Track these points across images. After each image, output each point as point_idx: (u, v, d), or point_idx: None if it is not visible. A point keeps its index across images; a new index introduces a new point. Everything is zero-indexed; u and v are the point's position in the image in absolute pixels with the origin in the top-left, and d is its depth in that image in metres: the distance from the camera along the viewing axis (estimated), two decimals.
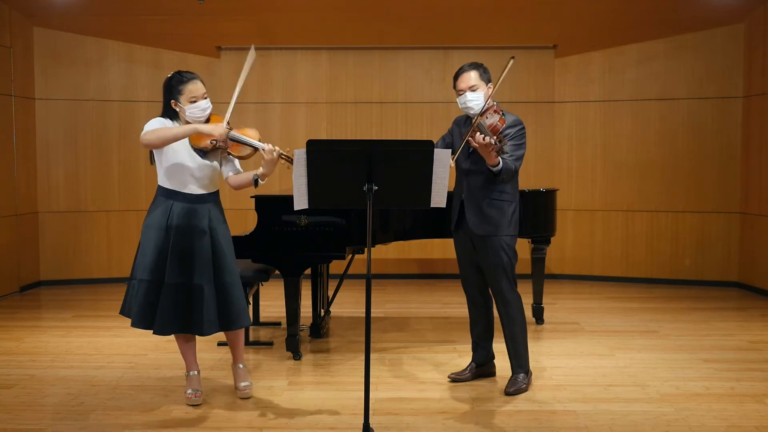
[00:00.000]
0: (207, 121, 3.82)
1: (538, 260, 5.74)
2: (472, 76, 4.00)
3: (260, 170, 3.75)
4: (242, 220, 7.02)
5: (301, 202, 3.36)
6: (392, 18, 7.39)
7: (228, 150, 3.80)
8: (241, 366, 4.06)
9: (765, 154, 6.99)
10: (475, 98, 3.99)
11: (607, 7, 7.14)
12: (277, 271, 4.85)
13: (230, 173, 3.88)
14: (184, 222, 3.76)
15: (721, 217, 7.53)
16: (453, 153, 3.99)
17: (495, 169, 3.86)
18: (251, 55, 3.77)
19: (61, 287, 7.51)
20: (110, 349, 5.06)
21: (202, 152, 3.78)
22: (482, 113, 3.91)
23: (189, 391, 3.93)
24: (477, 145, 3.75)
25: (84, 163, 7.65)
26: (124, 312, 3.87)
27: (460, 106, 4.08)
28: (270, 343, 5.17)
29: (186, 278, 3.74)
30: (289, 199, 3.64)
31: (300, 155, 3.29)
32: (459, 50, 7.88)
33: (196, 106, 3.77)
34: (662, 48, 7.60)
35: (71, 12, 7.21)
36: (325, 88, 7.97)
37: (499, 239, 4.03)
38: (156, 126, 3.71)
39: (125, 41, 7.64)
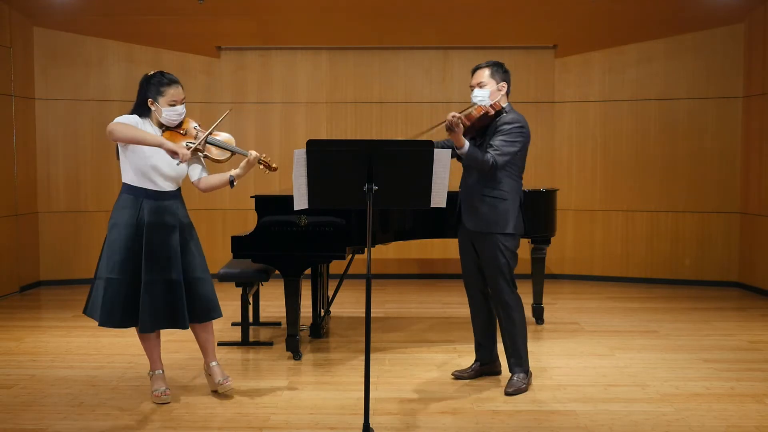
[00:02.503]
0: (180, 125, 3.87)
1: (538, 260, 5.74)
2: (484, 74, 4.10)
3: (236, 171, 3.83)
4: (242, 220, 7.03)
5: (301, 202, 3.36)
6: (392, 18, 7.39)
7: (206, 153, 3.84)
8: (214, 363, 4.07)
9: (765, 154, 6.99)
10: (480, 94, 4.08)
11: (607, 7, 7.14)
12: (277, 271, 4.85)
13: (201, 175, 3.92)
14: (155, 219, 3.78)
15: (721, 217, 7.53)
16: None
17: (459, 151, 3.91)
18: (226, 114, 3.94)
19: (61, 287, 7.51)
20: (110, 349, 5.06)
21: (173, 152, 3.75)
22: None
23: (157, 390, 3.93)
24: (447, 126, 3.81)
25: (84, 163, 7.65)
26: (87, 312, 3.87)
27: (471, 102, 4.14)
28: (270, 343, 5.17)
29: (165, 274, 3.78)
30: (289, 199, 3.65)
31: (300, 155, 3.29)
32: (459, 50, 7.89)
33: (174, 110, 3.81)
34: (662, 48, 7.60)
35: (71, 12, 7.21)
36: (325, 88, 7.97)
37: (495, 238, 4.04)
38: (128, 122, 3.74)
39: (125, 41, 7.64)
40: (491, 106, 4.02)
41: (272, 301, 6.35)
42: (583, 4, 7.09)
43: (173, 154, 3.65)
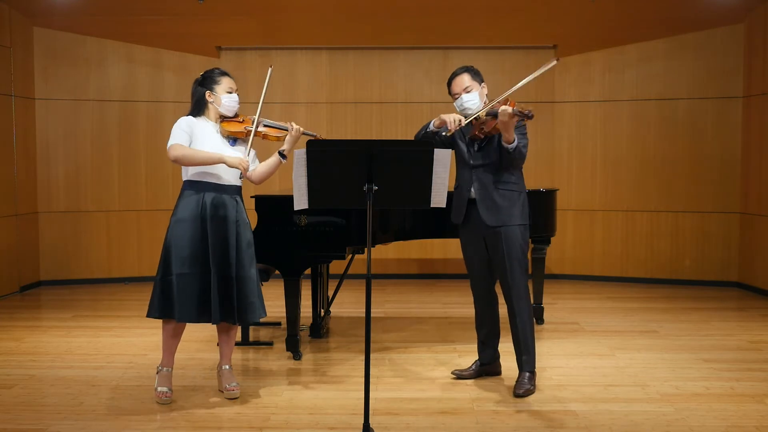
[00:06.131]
0: (236, 115, 3.99)
1: (538, 260, 5.74)
2: (465, 79, 4.13)
3: (283, 147, 3.95)
4: None
5: (301, 202, 3.36)
6: (392, 18, 7.39)
7: (264, 134, 3.97)
8: (227, 367, 4.08)
9: (765, 154, 6.99)
10: (471, 98, 4.11)
11: (607, 7, 7.14)
12: (277, 271, 4.85)
13: (252, 168, 3.99)
14: (216, 212, 3.84)
15: (720, 217, 7.53)
16: (458, 157, 4.16)
17: (510, 146, 3.91)
18: (269, 74, 3.93)
19: (61, 287, 7.51)
20: (110, 349, 5.06)
21: (234, 140, 3.95)
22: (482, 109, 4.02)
23: (160, 389, 3.93)
24: (502, 119, 3.78)
25: (84, 163, 7.65)
26: (156, 314, 3.82)
27: (458, 110, 4.17)
28: (270, 343, 5.17)
29: (227, 269, 3.83)
30: (289, 199, 3.65)
31: (300, 155, 3.29)
32: (459, 50, 7.88)
33: (231, 97, 3.95)
34: (662, 48, 7.60)
35: (71, 12, 7.21)
36: (325, 88, 7.97)
37: (513, 229, 4.08)
38: (183, 129, 3.83)
39: (125, 41, 7.65)
40: (499, 102, 3.99)
41: (272, 301, 6.31)
42: (583, 4, 7.09)
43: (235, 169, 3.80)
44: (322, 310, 5.57)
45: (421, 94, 7.96)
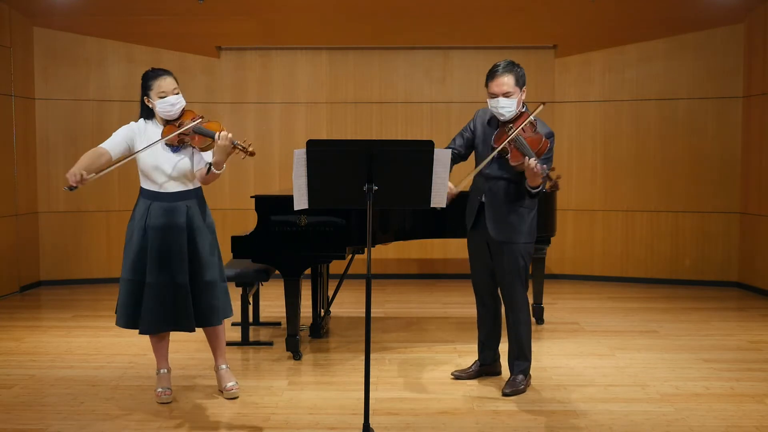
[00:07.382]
0: (180, 116, 3.81)
1: (538, 260, 5.74)
2: (508, 82, 3.90)
3: (212, 158, 3.74)
4: (242, 220, 7.02)
5: (301, 202, 3.36)
6: (392, 18, 7.39)
7: (191, 143, 3.79)
8: (224, 367, 4.07)
9: (765, 154, 6.99)
10: (509, 105, 3.92)
11: (607, 7, 7.14)
12: (277, 271, 4.85)
13: (198, 168, 3.86)
14: (160, 221, 3.79)
15: (720, 217, 7.53)
16: (478, 158, 4.07)
17: (534, 190, 3.80)
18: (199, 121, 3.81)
19: (61, 287, 7.51)
20: (110, 349, 5.06)
21: (173, 147, 3.80)
22: (514, 121, 3.91)
23: (159, 389, 3.96)
24: (526, 168, 3.71)
25: None
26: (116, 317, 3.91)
27: (490, 107, 3.99)
28: (270, 343, 5.17)
29: (167, 276, 3.76)
30: (289, 199, 3.64)
31: (300, 155, 3.29)
32: (459, 50, 7.88)
33: (165, 101, 3.79)
34: (662, 48, 7.60)
35: (71, 12, 7.21)
36: (325, 88, 7.96)
37: (517, 247, 4.03)
38: (118, 134, 3.86)
39: (125, 41, 7.64)
40: (531, 123, 3.89)
41: (272, 301, 6.35)
42: (583, 4, 7.09)
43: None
44: (322, 310, 5.57)
45: (421, 94, 7.96)
